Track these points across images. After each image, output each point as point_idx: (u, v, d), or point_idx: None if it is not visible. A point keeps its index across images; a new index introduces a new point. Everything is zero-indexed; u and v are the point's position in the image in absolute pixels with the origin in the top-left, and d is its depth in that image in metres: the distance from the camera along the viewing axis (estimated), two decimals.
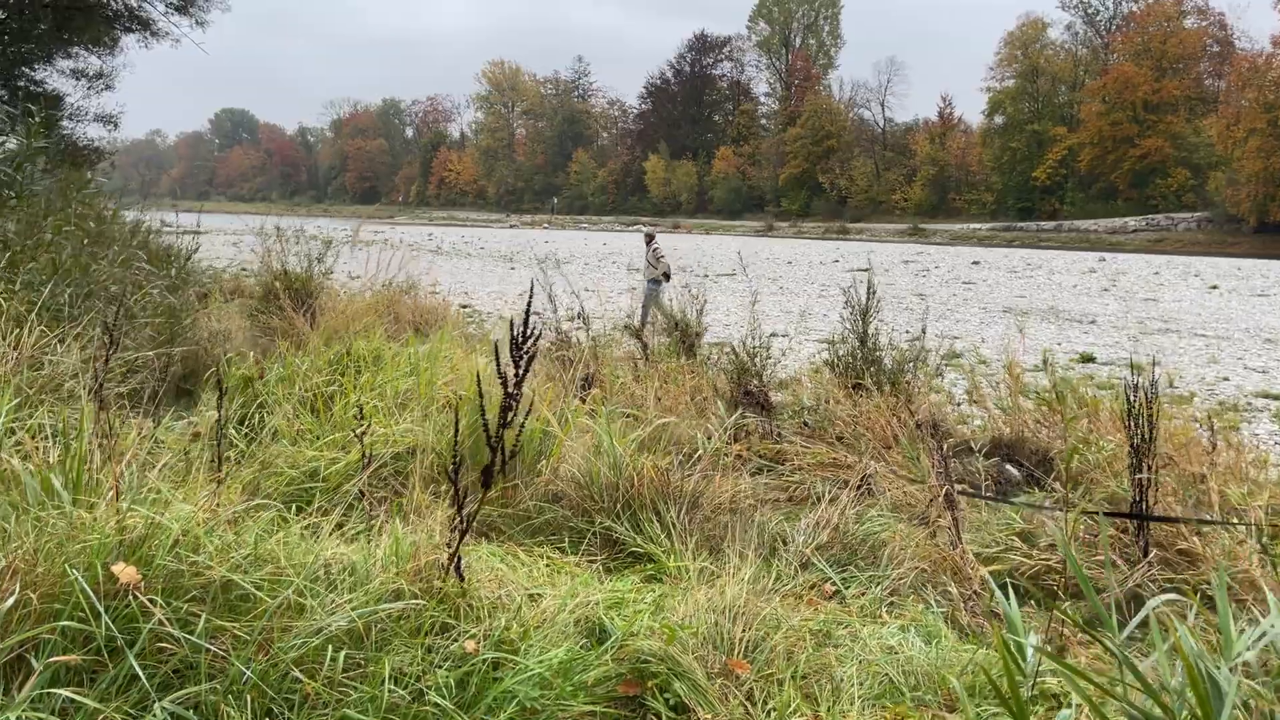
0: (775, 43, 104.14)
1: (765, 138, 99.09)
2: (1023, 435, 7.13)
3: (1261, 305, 22.22)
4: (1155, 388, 3.94)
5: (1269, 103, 56.02)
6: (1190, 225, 60.89)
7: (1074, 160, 70.20)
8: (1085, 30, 78.02)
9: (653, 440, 3.33)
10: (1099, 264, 36.73)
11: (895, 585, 2.80)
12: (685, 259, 37.70)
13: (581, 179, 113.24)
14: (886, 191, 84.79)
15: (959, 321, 19.06)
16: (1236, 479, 6.37)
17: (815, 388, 8.33)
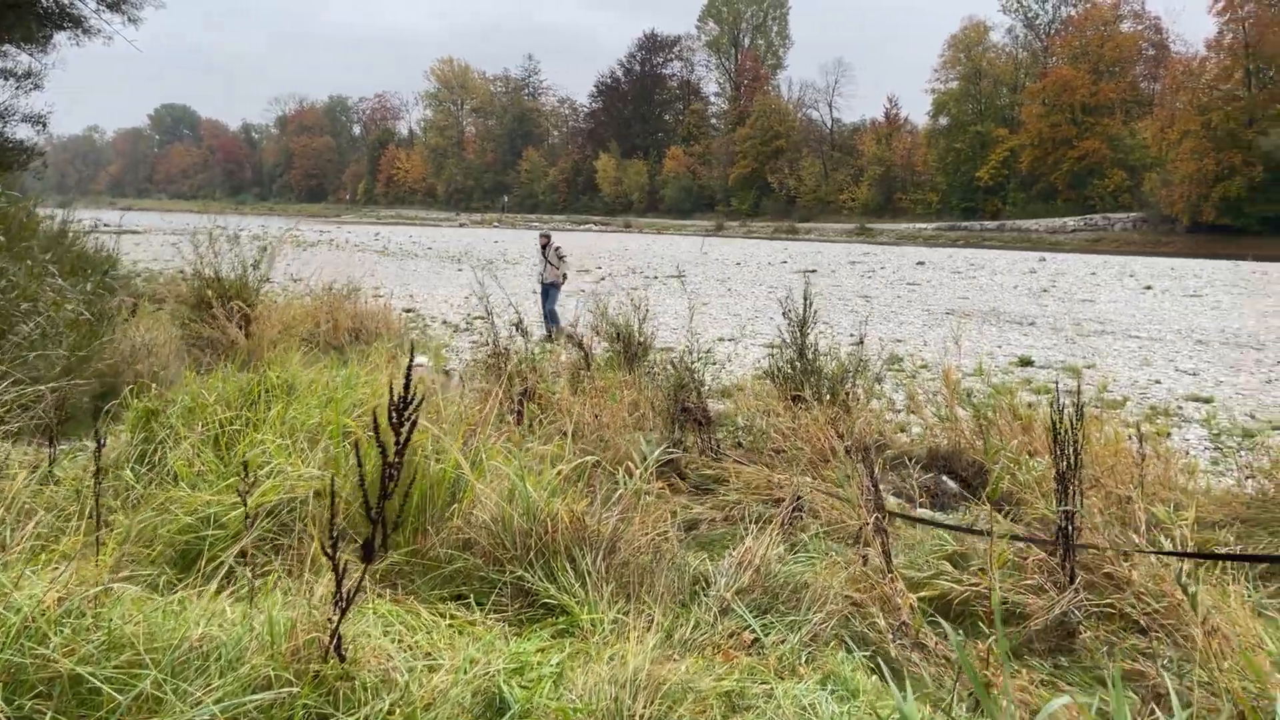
0: (724, 43, 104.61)
1: (715, 137, 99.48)
2: (959, 446, 7.17)
3: (1193, 306, 22.78)
4: (1081, 410, 3.93)
5: (1202, 105, 57.61)
6: (1126, 225, 62.40)
7: (1015, 161, 71.56)
8: (1025, 34, 79.63)
9: (575, 475, 3.23)
10: (1039, 264, 37.45)
11: (817, 630, 2.74)
12: (635, 260, 37.64)
13: (532, 177, 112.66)
14: (834, 191, 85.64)
15: (903, 324, 19.24)
16: (1165, 489, 6.46)
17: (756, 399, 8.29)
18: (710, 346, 16.15)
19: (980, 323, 19.82)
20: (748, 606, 2.72)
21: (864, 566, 3.94)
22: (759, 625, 2.64)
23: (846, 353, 9.22)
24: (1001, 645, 1.72)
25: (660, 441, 5.94)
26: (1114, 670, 1.80)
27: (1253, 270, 34.35)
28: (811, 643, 2.66)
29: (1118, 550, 4.23)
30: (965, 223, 71.77)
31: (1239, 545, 5.65)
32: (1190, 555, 3.96)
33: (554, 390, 6.07)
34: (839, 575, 3.22)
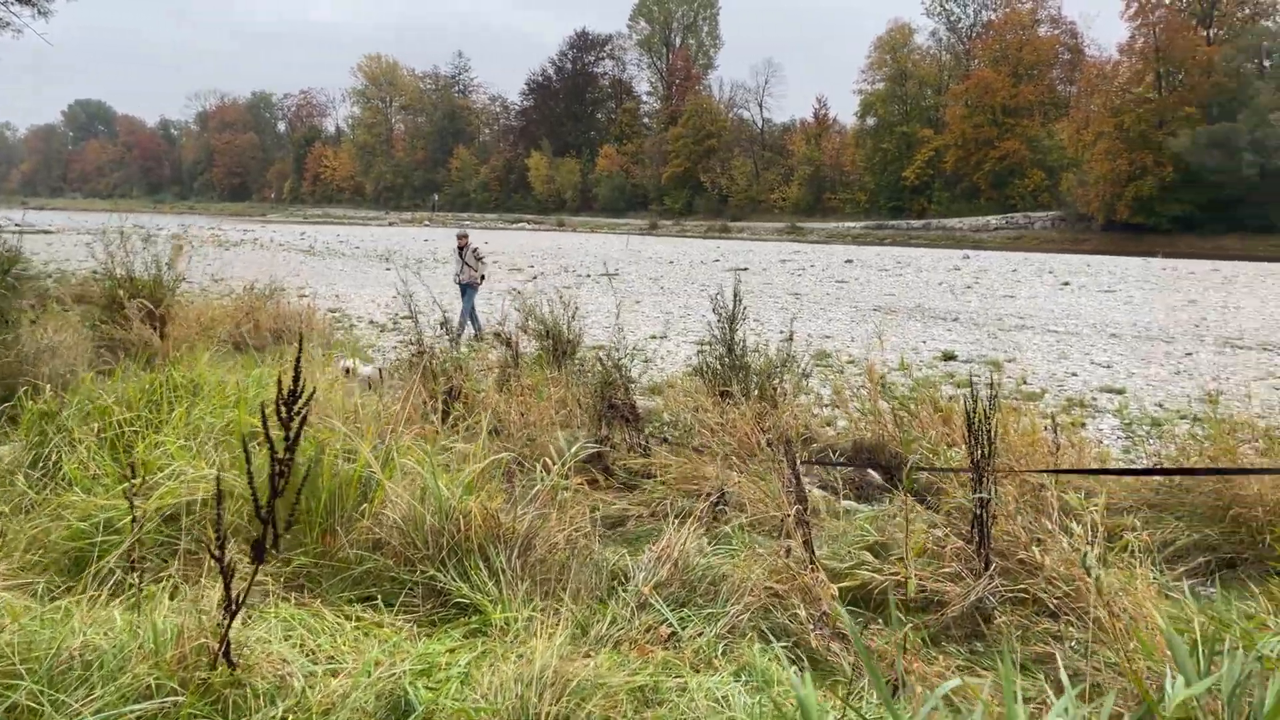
0: (656, 42, 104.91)
1: (648, 136, 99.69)
2: (883, 439, 7.28)
3: (1108, 301, 23.57)
4: (994, 401, 4.01)
5: (1115, 108, 59.70)
6: (1046, 224, 64.35)
7: (940, 161, 73.22)
8: (949, 36, 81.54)
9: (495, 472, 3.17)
10: (963, 261, 38.37)
11: (735, 622, 2.74)
12: (568, 259, 37.51)
13: (463, 176, 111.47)
14: (765, 191, 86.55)
15: (831, 320, 19.52)
16: (1078, 478, 6.63)
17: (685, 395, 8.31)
18: (642, 344, 16.18)
19: (906, 319, 20.21)
20: (666, 600, 2.71)
21: (786, 558, 3.96)
22: (676, 619, 2.63)
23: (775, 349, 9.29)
24: (895, 625, 1.73)
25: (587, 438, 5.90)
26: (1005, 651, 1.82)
27: (1162, 267, 35.70)
28: (729, 635, 2.67)
29: (1031, 536, 4.33)
30: (893, 221, 73.19)
31: (1146, 529, 5.83)
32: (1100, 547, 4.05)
33: (479, 389, 5.99)
34: (758, 568, 3.23)
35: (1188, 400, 11.51)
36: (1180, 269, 34.97)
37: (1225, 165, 52.88)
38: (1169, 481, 6.27)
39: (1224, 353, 15.24)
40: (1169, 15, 59.95)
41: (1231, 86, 56.13)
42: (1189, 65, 58.18)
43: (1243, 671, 1.28)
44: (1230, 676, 1.27)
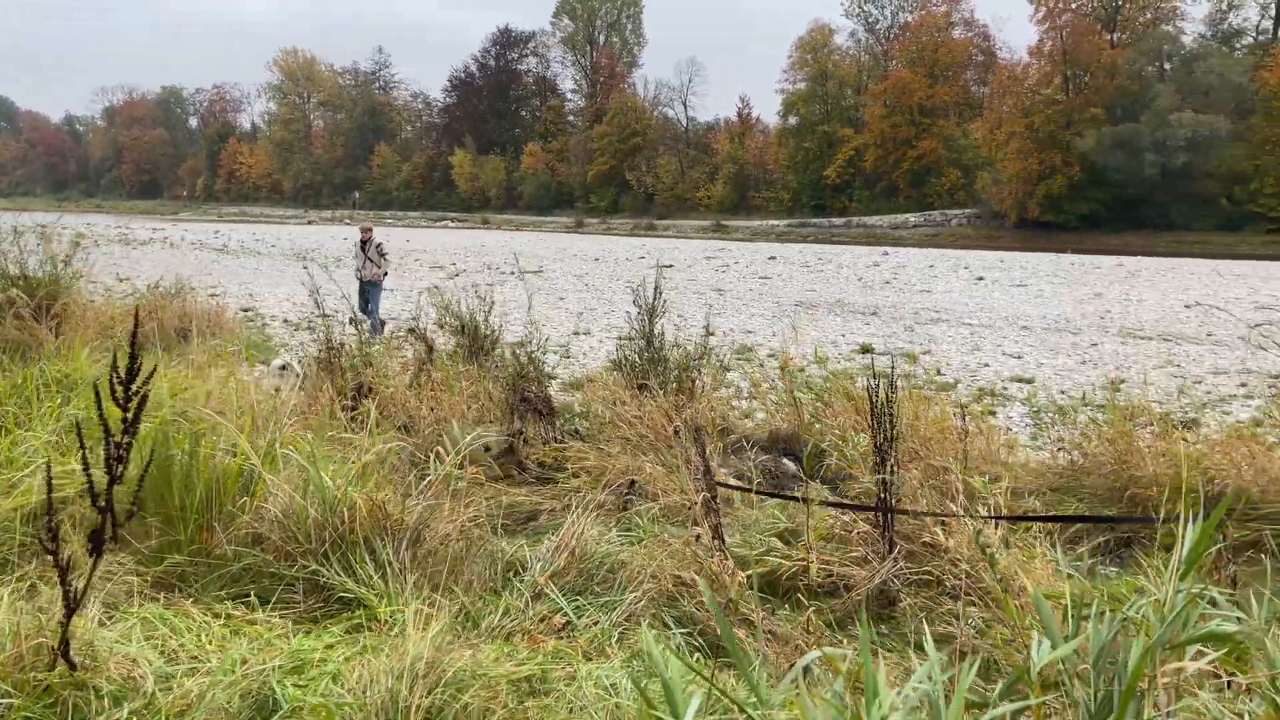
0: (580, 40, 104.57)
1: (573, 134, 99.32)
2: (798, 429, 7.34)
3: (1019, 295, 24.28)
4: (894, 386, 4.05)
5: (1026, 109, 61.63)
6: (962, 221, 66.10)
7: (860, 160, 74.58)
8: (867, 38, 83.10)
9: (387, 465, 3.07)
10: (883, 258, 39.15)
11: (633, 610, 2.70)
12: (492, 256, 37.14)
13: (385, 173, 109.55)
14: (691, 189, 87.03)
15: (754, 316, 19.70)
16: (987, 462, 6.78)
17: (604, 389, 8.26)
18: (565, 340, 16.09)
19: (826, 313, 20.52)
20: (563, 590, 2.66)
21: (695, 545, 3.94)
22: (572, 608, 2.57)
23: (694, 342, 9.29)
24: (735, 594, 1.70)
25: (498, 432, 5.81)
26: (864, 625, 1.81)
27: (1071, 262, 36.97)
28: (625, 623, 2.62)
29: (936, 517, 4.38)
30: (815, 219, 74.29)
31: (1046, 510, 5.97)
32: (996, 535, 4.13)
33: (388, 385, 5.85)
34: (660, 554, 3.19)
35: (1092, 388, 11.92)
36: (1088, 264, 36.26)
37: (1129, 165, 55.05)
38: (1071, 465, 6.45)
39: (1126, 343, 15.82)
40: (1075, 19, 62.11)
41: (1134, 89, 58.44)
42: (1094, 68, 60.39)
43: (1109, 634, 1.28)
44: (1096, 639, 1.27)
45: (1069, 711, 1.29)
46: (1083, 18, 62.41)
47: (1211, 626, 1.31)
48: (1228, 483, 5.67)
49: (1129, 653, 1.18)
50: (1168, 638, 1.26)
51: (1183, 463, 4.99)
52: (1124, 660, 1.21)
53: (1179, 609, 1.27)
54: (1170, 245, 50.73)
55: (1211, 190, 54.67)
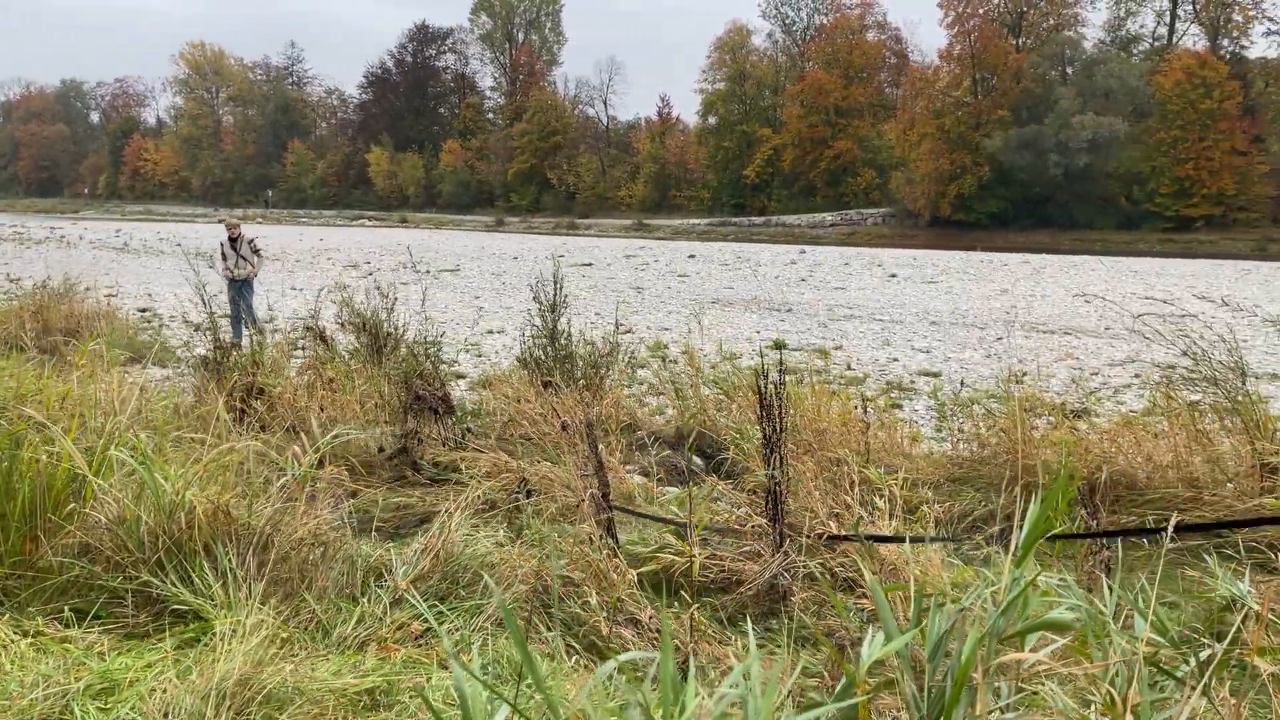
0: (498, 37, 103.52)
1: (493, 132, 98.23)
2: (705, 425, 7.31)
3: (930, 292, 24.83)
4: (783, 377, 4.02)
5: (937, 110, 63.21)
6: (877, 220, 67.47)
7: (779, 160, 75.49)
8: (784, 39, 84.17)
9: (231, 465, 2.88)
10: (800, 256, 39.68)
11: (498, 614, 2.58)
12: (408, 255, 36.44)
13: (299, 171, 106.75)
14: (612, 188, 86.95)
15: (671, 313, 19.70)
16: (889, 454, 6.84)
17: (511, 387, 8.11)
18: (478, 339, 15.84)
19: (743, 310, 20.65)
20: (426, 594, 2.53)
21: (588, 545, 3.84)
22: (435, 614, 2.45)
23: (601, 338, 9.20)
24: (623, 592, 1.61)
25: (392, 433, 5.62)
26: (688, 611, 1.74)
27: (980, 260, 38.03)
28: (491, 628, 2.50)
29: (830, 511, 4.36)
30: (736, 218, 74.93)
31: (948, 501, 6.04)
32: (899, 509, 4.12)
33: (275, 385, 5.61)
34: (535, 556, 3.08)
35: (996, 381, 12.20)
36: (996, 261, 37.33)
37: (1034, 165, 56.94)
38: (970, 455, 6.53)
39: (1030, 337, 16.29)
40: (982, 24, 63.93)
41: (1038, 91, 60.44)
42: (1001, 71, 62.24)
43: (947, 625, 1.23)
44: (934, 631, 1.22)
45: (906, 708, 1.23)
46: (989, 23, 64.29)
47: (1053, 615, 1.27)
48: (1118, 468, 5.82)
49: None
50: (1002, 627, 1.22)
51: (1062, 449, 5.08)
52: (959, 652, 1.16)
53: (1011, 597, 1.22)
54: (1074, 243, 52.64)
55: (1112, 190, 56.93)
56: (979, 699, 1.13)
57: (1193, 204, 54.22)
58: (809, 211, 71.94)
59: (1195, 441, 5.71)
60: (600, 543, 3.84)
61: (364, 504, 4.97)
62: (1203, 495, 5.37)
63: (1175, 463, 5.60)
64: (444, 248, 42.24)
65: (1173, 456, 5.59)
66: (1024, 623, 1.23)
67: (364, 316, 9.00)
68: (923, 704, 1.17)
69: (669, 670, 1.01)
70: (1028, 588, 1.22)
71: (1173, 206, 54.59)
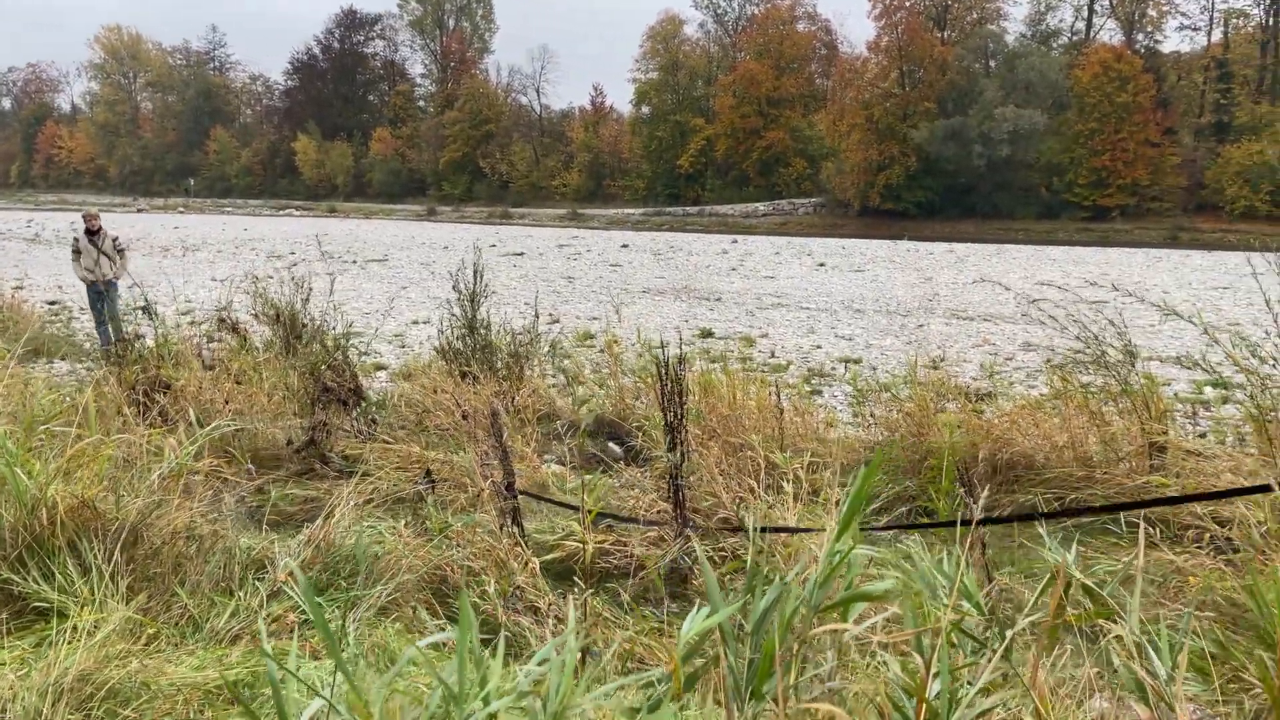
0: (428, 23, 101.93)
1: (424, 120, 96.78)
2: (623, 412, 7.34)
3: (856, 280, 25.25)
4: (683, 364, 4.05)
5: (866, 101, 64.18)
6: (808, 210, 68.31)
7: (712, 150, 75.87)
8: (716, 29, 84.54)
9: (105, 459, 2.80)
10: (731, 245, 39.97)
11: (388, 603, 2.57)
12: (334, 245, 35.76)
13: (223, 159, 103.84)
14: (546, 177, 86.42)
15: (601, 303, 19.69)
16: (805, 441, 6.94)
17: (429, 377, 8.03)
18: (403, 329, 15.65)
19: (673, 300, 20.74)
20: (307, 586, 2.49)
21: (493, 534, 3.83)
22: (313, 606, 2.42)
23: (523, 327, 9.16)
24: (525, 580, 1.62)
25: (301, 426, 5.53)
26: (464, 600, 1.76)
27: (907, 248, 38.77)
28: (380, 617, 2.49)
29: (734, 496, 4.42)
30: (670, 208, 75.11)
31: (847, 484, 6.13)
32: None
33: (179, 378, 5.47)
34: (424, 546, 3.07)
35: (915, 367, 12.47)
36: (922, 250, 38.11)
37: (959, 156, 58.22)
38: (880, 438, 6.66)
39: (951, 324, 16.68)
40: (909, 17, 65.04)
41: (963, 84, 61.77)
42: (927, 63, 63.43)
43: (770, 599, 1.26)
44: (760, 604, 1.25)
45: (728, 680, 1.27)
46: (916, 15, 65.42)
47: (868, 587, 1.32)
48: (1017, 450, 6.00)
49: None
50: (820, 600, 1.26)
51: (958, 431, 5.22)
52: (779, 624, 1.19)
53: (827, 571, 1.26)
54: (998, 232, 54.02)
55: (1033, 180, 58.51)
56: (792, 669, 1.17)
57: (1109, 194, 56.03)
58: (743, 201, 72.47)
59: (1090, 423, 5.90)
60: (504, 531, 3.84)
61: (268, 498, 4.89)
62: (1095, 474, 5.57)
63: (1071, 443, 5.79)
64: (373, 237, 41.54)
65: (1068, 437, 5.78)
66: (842, 594, 1.27)
67: (277, 307, 8.81)
68: (741, 675, 1.20)
69: (464, 650, 1.02)
70: (844, 560, 1.26)
71: (1090, 196, 56.34)
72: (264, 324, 8.86)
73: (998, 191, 58.81)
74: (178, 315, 14.62)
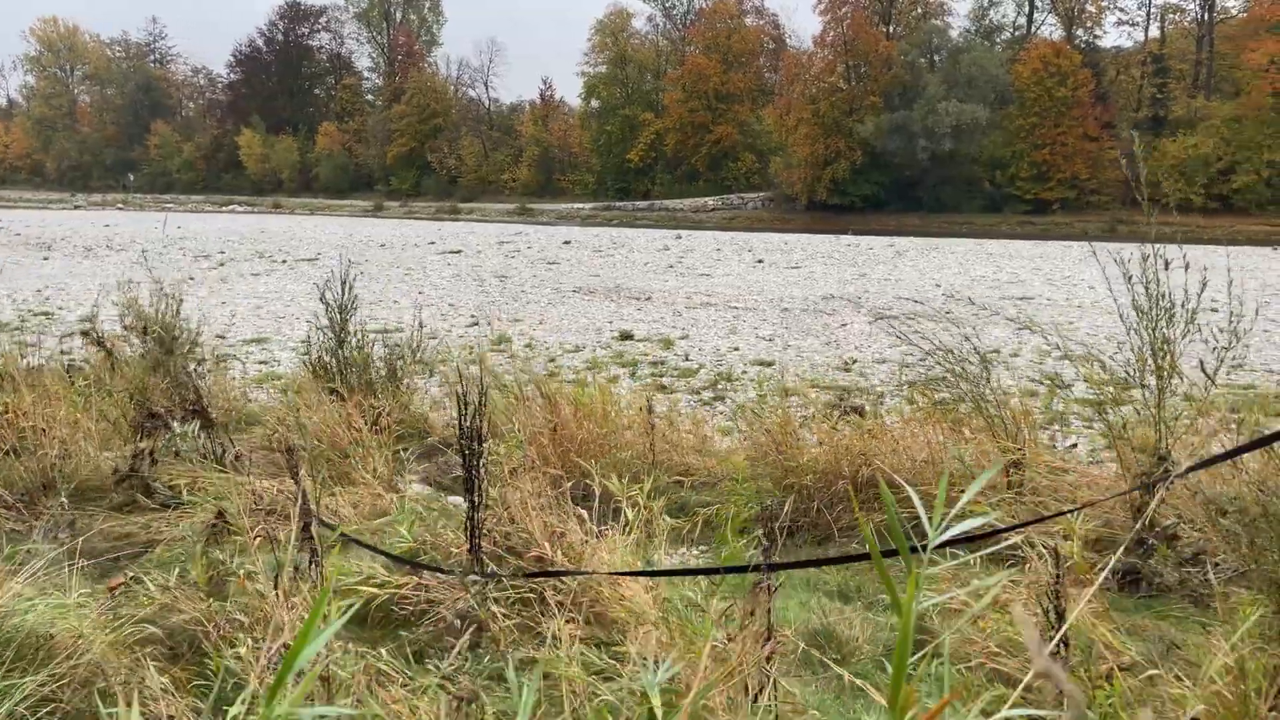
0: (375, 16, 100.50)
1: (371, 114, 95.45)
2: (497, 427, 7.09)
3: (792, 277, 25.22)
4: (485, 390, 3.84)
5: (812, 96, 64.44)
6: (757, 204, 68.50)
7: (662, 144, 75.76)
8: (664, 23, 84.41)
9: None
10: (675, 241, 39.82)
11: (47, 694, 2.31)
12: (271, 243, 35.01)
13: (165, 154, 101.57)
14: (495, 171, 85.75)
15: (529, 303, 19.42)
16: (681, 455, 6.74)
17: (298, 393, 7.72)
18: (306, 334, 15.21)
19: (603, 299, 20.51)
20: None
21: (284, 579, 3.59)
22: None
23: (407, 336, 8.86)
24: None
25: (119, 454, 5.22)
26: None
27: (848, 243, 38.92)
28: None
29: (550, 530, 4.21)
30: (620, 203, 74.89)
31: (716, 505, 5.97)
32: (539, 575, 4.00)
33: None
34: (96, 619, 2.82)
35: (827, 369, 12.40)
36: (864, 245, 38.28)
37: (904, 150, 58.73)
38: (755, 455, 6.48)
39: (874, 322, 16.65)
40: (854, 12, 65.39)
41: (907, 79, 62.27)
42: (872, 58, 63.83)
43: None
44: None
45: None
46: (861, 10, 65.78)
47: None
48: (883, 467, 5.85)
49: None
50: None
51: (801, 449, 5.08)
52: None
53: None
54: (942, 225, 54.58)
55: (976, 174, 59.20)
56: None
57: (1050, 188, 56.91)
58: (692, 196, 72.48)
59: (950, 439, 5.79)
60: (301, 575, 3.59)
61: (80, 533, 4.59)
62: (951, 492, 5.44)
63: (931, 460, 5.66)
64: (311, 235, 40.74)
65: (928, 453, 5.65)
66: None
67: (146, 319, 8.42)
68: None
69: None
70: None
71: (1032, 190, 57.18)
72: (134, 336, 8.48)
73: (942, 185, 59.42)
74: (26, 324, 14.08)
